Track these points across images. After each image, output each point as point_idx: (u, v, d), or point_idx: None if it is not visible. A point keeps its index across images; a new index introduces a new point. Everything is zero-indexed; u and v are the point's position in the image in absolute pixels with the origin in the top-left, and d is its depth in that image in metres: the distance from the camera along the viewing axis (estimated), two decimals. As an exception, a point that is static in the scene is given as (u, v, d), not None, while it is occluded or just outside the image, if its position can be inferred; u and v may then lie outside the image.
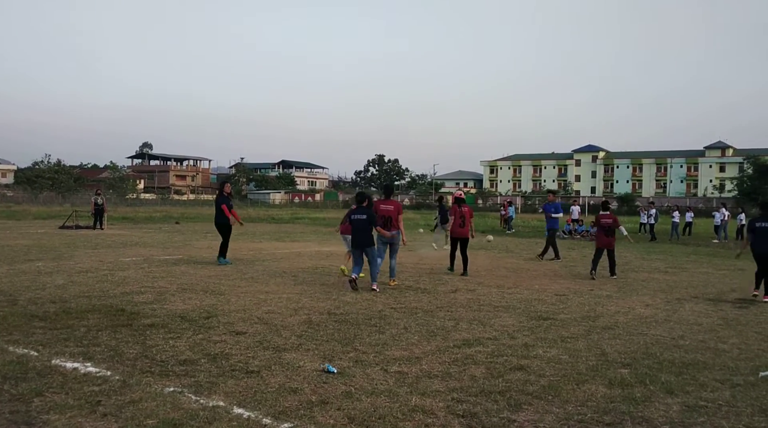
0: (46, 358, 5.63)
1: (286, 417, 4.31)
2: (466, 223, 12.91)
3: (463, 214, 12.92)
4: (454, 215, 13.17)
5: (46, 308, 7.98)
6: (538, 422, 4.36)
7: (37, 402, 4.50)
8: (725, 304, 9.78)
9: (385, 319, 7.80)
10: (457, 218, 12.98)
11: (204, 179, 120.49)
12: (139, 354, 5.84)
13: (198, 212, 48.42)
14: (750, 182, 74.95)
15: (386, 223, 11.03)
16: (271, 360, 5.77)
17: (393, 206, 11.18)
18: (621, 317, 8.42)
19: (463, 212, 12.95)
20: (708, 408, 4.75)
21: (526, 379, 5.34)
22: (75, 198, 61.21)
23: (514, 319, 8.04)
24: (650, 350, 6.53)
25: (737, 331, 7.65)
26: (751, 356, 6.40)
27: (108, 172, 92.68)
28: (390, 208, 11.14)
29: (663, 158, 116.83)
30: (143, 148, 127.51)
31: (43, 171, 79.27)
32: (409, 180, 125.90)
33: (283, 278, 11.54)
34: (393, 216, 11.11)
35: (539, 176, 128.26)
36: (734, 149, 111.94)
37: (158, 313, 7.84)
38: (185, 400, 4.60)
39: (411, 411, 4.47)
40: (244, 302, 8.75)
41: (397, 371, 5.49)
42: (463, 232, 12.94)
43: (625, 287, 11.50)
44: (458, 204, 13.18)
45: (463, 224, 12.90)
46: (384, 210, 11.09)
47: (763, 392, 5.17)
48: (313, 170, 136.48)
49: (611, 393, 5.04)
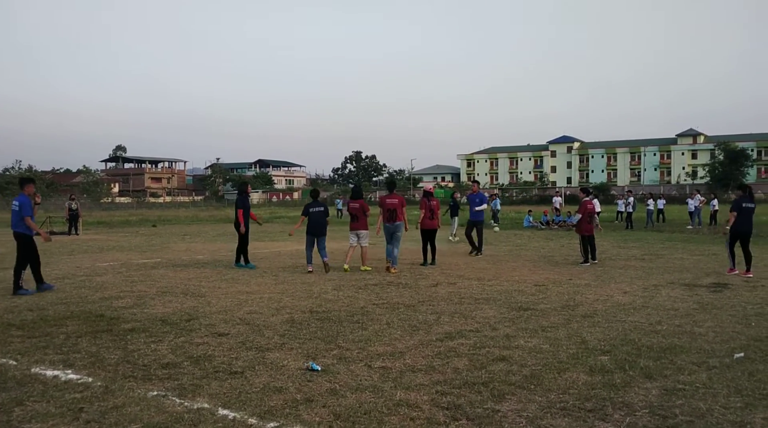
0: (25, 367, 5.56)
1: (272, 417, 4.31)
2: (435, 215, 13.45)
3: (432, 207, 13.39)
4: (423, 209, 13.44)
5: (23, 316, 7.86)
6: (522, 411, 4.42)
7: (18, 412, 4.44)
8: (700, 289, 9.97)
9: (368, 315, 7.83)
10: (426, 211, 13.36)
11: (180, 180, 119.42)
12: (121, 359, 5.80)
13: (175, 214, 47.95)
14: (721, 168, 76.42)
15: (391, 215, 12.25)
16: (255, 360, 5.76)
17: (397, 200, 12.43)
18: (600, 305, 8.55)
19: (432, 205, 13.41)
20: (686, 390, 4.86)
21: (508, 369, 5.40)
22: (48, 204, 60.03)
23: (495, 311, 8.11)
24: (629, 336, 6.64)
25: (712, 315, 7.81)
26: (726, 338, 6.54)
27: (81, 176, 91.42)
28: (395, 201, 12.36)
29: (636, 147, 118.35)
30: (117, 151, 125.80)
31: (14, 177, 77.82)
32: (387, 176, 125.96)
33: (264, 277, 11.50)
34: (398, 209, 12.30)
35: (516, 168, 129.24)
36: (705, 136, 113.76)
37: (138, 317, 7.77)
38: (169, 403, 4.58)
39: (396, 406, 4.51)
40: (226, 304, 8.72)
41: (380, 366, 5.52)
42: (432, 224, 13.42)
43: (602, 275, 11.66)
44: (427, 198, 13.59)
45: (432, 217, 13.39)
46: (389, 203, 12.32)
47: (738, 373, 5.30)
48: (291, 168, 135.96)
49: (592, 379, 5.12)
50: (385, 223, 12.35)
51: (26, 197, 9.81)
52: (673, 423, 4.20)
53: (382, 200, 12.50)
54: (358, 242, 12.60)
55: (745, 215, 11.54)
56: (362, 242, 12.59)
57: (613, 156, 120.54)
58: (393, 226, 12.25)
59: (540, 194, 79.05)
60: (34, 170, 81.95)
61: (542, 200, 65.54)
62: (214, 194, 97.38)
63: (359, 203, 12.53)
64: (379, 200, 12.43)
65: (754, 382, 5.05)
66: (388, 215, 12.26)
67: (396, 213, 12.25)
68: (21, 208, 9.64)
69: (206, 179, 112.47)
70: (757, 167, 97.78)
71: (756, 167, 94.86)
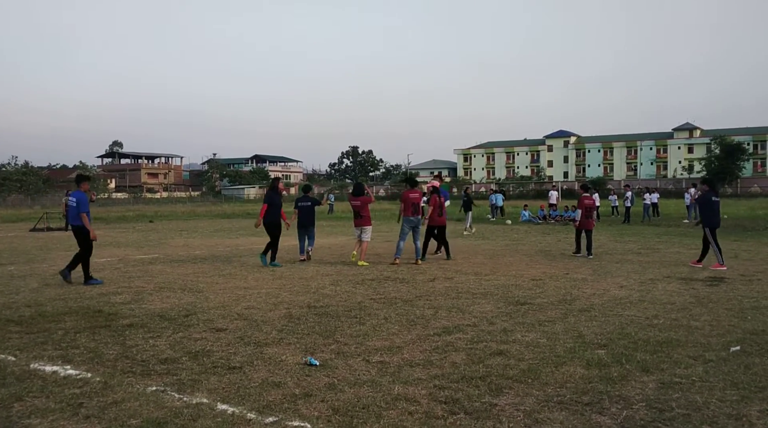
0: (24, 362, 5.57)
1: (271, 411, 4.33)
2: (443, 212, 13.60)
3: (441, 204, 13.52)
4: (433, 205, 13.47)
5: (21, 312, 7.87)
6: (519, 405, 4.44)
7: (17, 407, 4.45)
8: (696, 282, 10.01)
9: (365, 310, 7.85)
10: (435, 207, 13.39)
11: (177, 176, 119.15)
12: (120, 355, 5.81)
13: (172, 209, 47.86)
14: (718, 162, 76.56)
15: (416, 209, 12.83)
16: (253, 355, 5.77)
17: (419, 194, 13.06)
18: (596, 299, 8.58)
19: (441, 201, 13.52)
20: (682, 384, 4.89)
21: (506, 364, 5.43)
22: (45, 200, 60.15)
23: (493, 305, 8.14)
24: (626, 330, 6.67)
25: (708, 308, 7.84)
26: (722, 332, 6.58)
27: (78, 172, 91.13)
28: (417, 196, 12.99)
29: (633, 141, 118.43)
30: (113, 146, 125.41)
31: (10, 173, 77.58)
32: (384, 171, 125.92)
33: (262, 273, 11.51)
34: (419, 203, 12.89)
35: (512, 162, 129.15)
36: (701, 130, 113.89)
37: (137, 313, 7.78)
38: (168, 399, 4.59)
39: (394, 400, 4.53)
40: (223, 299, 8.73)
41: (378, 361, 5.54)
42: (442, 220, 13.56)
43: (599, 269, 11.70)
44: (437, 194, 13.57)
45: (441, 213, 13.49)
46: (413, 198, 12.87)
47: (734, 366, 5.33)
48: (287, 163, 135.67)
49: (589, 373, 5.15)
50: (409, 216, 12.70)
51: (82, 193, 10.38)
52: (669, 416, 4.23)
53: (406, 195, 12.96)
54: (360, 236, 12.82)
55: (714, 209, 12.16)
56: (363, 237, 12.73)
57: (609, 150, 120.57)
58: (416, 219, 12.75)
59: (537, 189, 79.18)
60: (30, 166, 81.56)
61: (539, 195, 65.65)
62: (211, 189, 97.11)
63: (360, 199, 12.76)
64: (403, 195, 12.99)
65: (751, 375, 5.09)
66: (413, 209, 12.71)
67: (419, 207, 12.81)
68: (78, 204, 10.26)
69: (203, 174, 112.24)
70: (753, 161, 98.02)
71: (752, 160, 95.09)
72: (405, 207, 12.88)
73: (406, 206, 12.85)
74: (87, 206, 10.32)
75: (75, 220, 10.40)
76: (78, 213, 10.26)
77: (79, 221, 10.31)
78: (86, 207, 10.29)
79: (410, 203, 12.85)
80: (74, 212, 10.37)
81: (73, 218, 10.43)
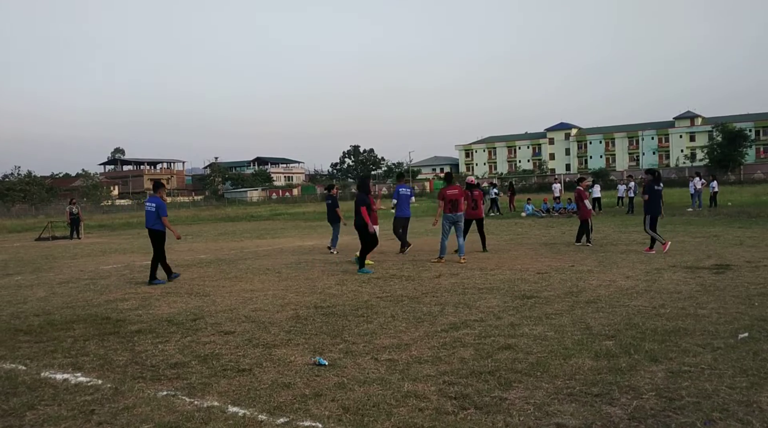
0: (35, 371, 5.60)
1: (282, 412, 4.35)
2: (478, 205, 14.13)
3: (475, 198, 14.05)
4: (467, 200, 13.71)
5: (29, 321, 7.90)
6: (529, 398, 4.45)
7: (30, 416, 4.48)
8: (702, 271, 9.99)
9: (372, 309, 7.86)
10: (470, 202, 13.88)
11: (179, 181, 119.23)
12: (129, 361, 5.83)
13: (175, 214, 47.89)
14: (720, 150, 76.22)
15: (454, 205, 12.66)
16: (262, 357, 5.80)
17: (457, 190, 12.87)
18: (603, 290, 8.58)
19: (475, 196, 14.07)
20: (691, 372, 4.89)
21: (514, 357, 5.44)
22: (49, 209, 60.25)
23: (499, 300, 8.15)
24: (633, 320, 6.67)
25: (715, 296, 7.84)
26: (729, 319, 6.57)
27: (80, 180, 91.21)
28: (456, 192, 12.78)
29: (634, 131, 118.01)
30: (115, 153, 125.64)
31: (14, 184, 77.80)
32: (386, 169, 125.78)
33: (267, 275, 11.53)
34: (459, 199, 12.75)
35: (514, 156, 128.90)
36: (703, 118, 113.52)
37: (144, 318, 7.81)
38: (179, 403, 4.62)
39: (404, 397, 4.54)
40: (230, 302, 8.75)
41: (387, 359, 5.55)
42: (477, 213, 14.08)
43: (605, 260, 11.69)
44: (470, 189, 14.14)
45: (476, 207, 14.04)
46: (450, 194, 12.70)
47: (743, 353, 5.33)
48: (289, 165, 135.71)
49: (598, 365, 5.16)
50: (447, 213, 12.65)
51: (160, 199, 11.24)
52: (679, 405, 4.23)
53: (443, 192, 12.81)
54: None
55: (656, 198, 12.90)
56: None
57: (611, 141, 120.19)
58: (456, 216, 12.68)
59: (539, 182, 78.97)
60: (33, 176, 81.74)
61: (542, 188, 65.51)
62: (213, 193, 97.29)
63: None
64: (440, 192, 12.85)
65: (759, 362, 5.09)
66: (451, 206, 12.64)
67: (458, 203, 12.70)
68: (158, 209, 11.05)
69: (205, 178, 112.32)
70: (756, 147, 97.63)
71: (755, 147, 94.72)
72: (444, 204, 12.68)
73: (444, 203, 12.71)
74: (166, 210, 11.09)
75: (153, 224, 11.05)
76: (158, 217, 10.98)
77: (157, 225, 11.01)
78: (165, 211, 11.06)
79: (448, 199, 12.72)
80: (153, 216, 11.02)
81: (151, 222, 11.06)
